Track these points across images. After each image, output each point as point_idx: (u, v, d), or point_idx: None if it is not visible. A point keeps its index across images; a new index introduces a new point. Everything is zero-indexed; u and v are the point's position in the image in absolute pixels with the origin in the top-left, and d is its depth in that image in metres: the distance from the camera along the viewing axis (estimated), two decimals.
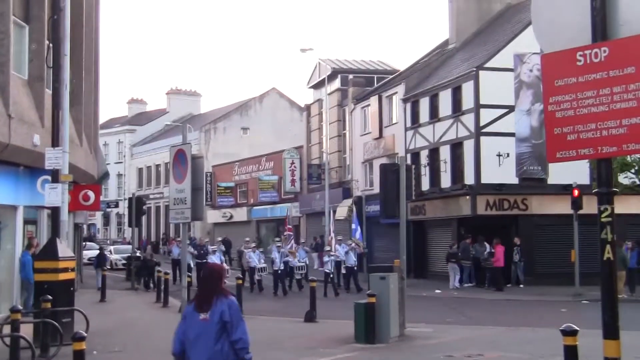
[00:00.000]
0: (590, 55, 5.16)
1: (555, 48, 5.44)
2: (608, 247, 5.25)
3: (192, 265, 32.19)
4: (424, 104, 38.51)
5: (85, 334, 9.66)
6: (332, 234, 31.65)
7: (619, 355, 5.21)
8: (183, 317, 7.01)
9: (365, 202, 39.70)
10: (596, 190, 5.30)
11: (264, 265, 32.33)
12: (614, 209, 5.24)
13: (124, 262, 41.88)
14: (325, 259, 29.94)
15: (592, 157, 5.27)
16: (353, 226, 30.63)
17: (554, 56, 5.43)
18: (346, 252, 30.69)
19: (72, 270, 16.05)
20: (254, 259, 32.00)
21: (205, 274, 7.24)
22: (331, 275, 30.01)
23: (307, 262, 33.87)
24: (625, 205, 27.12)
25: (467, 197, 33.86)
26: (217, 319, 6.69)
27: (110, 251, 47.85)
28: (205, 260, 31.45)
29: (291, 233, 37.47)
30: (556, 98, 5.30)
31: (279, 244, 34.11)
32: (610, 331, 5.22)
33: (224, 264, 31.52)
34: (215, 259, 30.72)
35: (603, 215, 5.23)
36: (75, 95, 21.21)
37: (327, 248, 31.00)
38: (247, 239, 39.47)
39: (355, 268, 31.16)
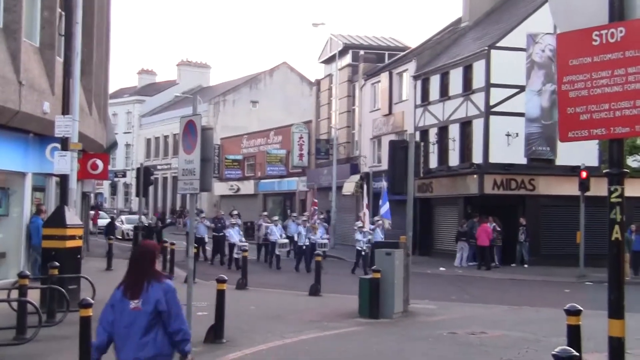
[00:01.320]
0: (607, 35, 5.14)
1: (572, 27, 5.42)
2: (617, 227, 5.26)
3: (206, 239, 32.23)
4: (435, 82, 38.38)
5: (93, 301, 9.74)
6: (366, 210, 30.14)
7: (624, 335, 5.24)
8: (110, 304, 6.07)
9: (373, 178, 39.71)
10: (606, 170, 5.30)
11: (286, 240, 31.63)
12: (624, 190, 5.23)
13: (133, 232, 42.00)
14: (358, 236, 28.47)
15: (604, 138, 5.27)
16: (380, 202, 29.75)
17: (569, 35, 5.41)
18: (373, 229, 29.07)
19: (80, 237, 16.15)
20: (276, 233, 31.18)
21: (136, 254, 6.26)
22: (363, 253, 28.25)
23: (329, 240, 33.03)
24: (632, 188, 26.83)
25: (475, 176, 33.83)
26: (151, 309, 5.88)
27: (121, 221, 47.59)
28: (222, 234, 31.12)
29: (316, 207, 36.35)
30: (570, 77, 5.29)
31: (295, 218, 34.07)
32: (616, 310, 5.25)
33: (242, 239, 30.44)
34: (234, 233, 30.11)
35: (613, 195, 5.24)
36: (86, 64, 21.19)
37: (360, 224, 29.29)
38: (265, 212, 39.44)
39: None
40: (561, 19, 5.64)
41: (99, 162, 23.84)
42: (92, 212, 42.63)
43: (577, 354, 6.75)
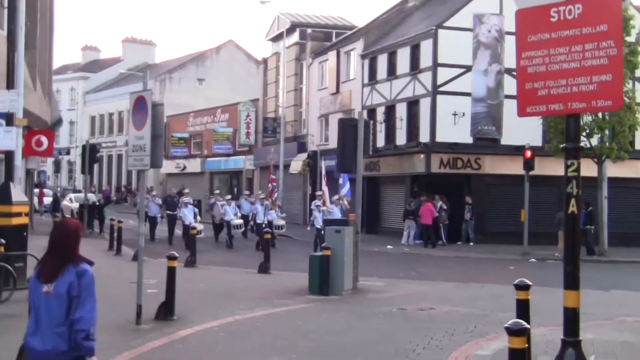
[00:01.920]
0: (565, 12, 5.23)
1: (530, 4, 5.49)
2: (573, 200, 5.37)
3: (159, 218, 31.64)
4: (382, 61, 38.50)
5: None
6: (325, 189, 29.79)
7: (578, 305, 5.36)
8: (30, 286, 5.54)
9: (320, 157, 39.74)
10: (563, 145, 5.40)
11: (241, 221, 31.13)
12: (580, 164, 5.34)
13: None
14: (317, 215, 28.19)
15: (561, 113, 5.36)
16: (341, 181, 29.58)
17: (528, 12, 5.49)
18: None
19: (26, 215, 15.87)
20: (229, 212, 30.55)
21: (57, 233, 5.53)
22: (322, 232, 27.37)
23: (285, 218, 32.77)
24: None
25: (422, 154, 34.10)
26: (64, 294, 5.27)
27: (70, 199, 46.09)
28: (175, 213, 30.57)
29: (275, 184, 35.43)
30: (529, 53, 5.38)
31: (247, 196, 33.80)
32: (571, 282, 5.36)
33: (198, 218, 30.21)
34: (188, 212, 29.54)
35: (570, 169, 5.34)
36: (30, 38, 20.68)
37: (318, 203, 28.99)
38: (217, 191, 39.20)
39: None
40: None
41: (44, 139, 23.37)
42: (36, 190, 41.82)
43: (528, 326, 6.90)
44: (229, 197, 33.79)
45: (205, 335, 11.57)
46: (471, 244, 32.54)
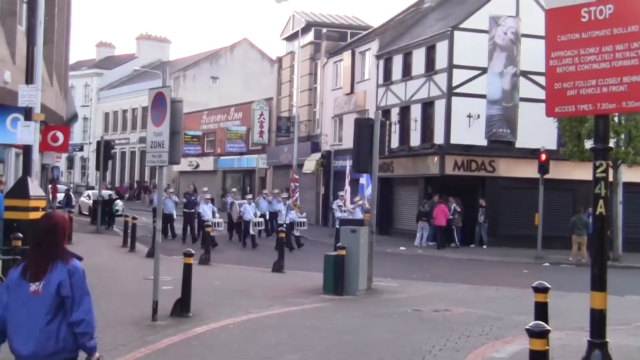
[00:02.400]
0: (595, 12, 5.20)
1: (560, 4, 5.45)
2: (601, 202, 5.35)
3: (174, 215, 31.02)
4: (397, 62, 38.45)
5: None
6: (348, 189, 29.34)
7: (605, 307, 5.33)
8: (5, 284, 5.21)
9: (334, 157, 39.72)
10: (592, 146, 5.37)
11: (261, 219, 30.21)
12: (609, 165, 5.31)
13: (117, 209, 39.20)
14: (339, 214, 27.38)
15: (591, 113, 5.34)
16: (363, 181, 29.18)
17: (558, 12, 5.45)
18: (353, 209, 28.09)
19: (43, 209, 15.88)
20: (249, 212, 29.56)
21: (42, 227, 5.27)
22: None
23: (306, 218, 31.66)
24: (590, 172, 27.15)
25: (436, 156, 34.04)
26: (53, 293, 4.99)
27: (88, 196, 44.74)
28: (193, 211, 30.06)
29: (297, 184, 34.55)
30: (558, 53, 5.35)
31: (266, 195, 33.25)
32: (598, 283, 5.34)
33: (216, 215, 29.65)
34: (207, 209, 28.90)
35: (598, 170, 5.32)
36: (47, 33, 20.74)
37: (340, 203, 28.30)
38: (234, 189, 38.84)
39: None
40: None
41: (60, 135, 23.46)
42: (49, 186, 41.97)
43: (549, 328, 6.88)
44: (250, 196, 32.97)
45: (221, 332, 11.58)
46: (484, 246, 32.45)
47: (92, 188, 53.87)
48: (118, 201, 42.81)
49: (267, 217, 31.88)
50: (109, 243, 27.55)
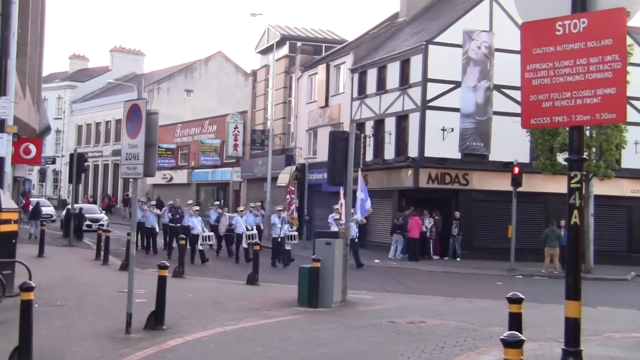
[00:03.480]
0: (570, 26, 5.28)
1: (534, 17, 5.54)
2: (576, 212, 5.40)
3: (157, 229, 30.39)
4: (372, 75, 38.65)
5: (34, 285, 9.51)
6: (343, 201, 27.97)
7: (579, 316, 5.38)
8: None
9: (308, 170, 39.72)
10: (567, 157, 5.44)
11: (253, 232, 28.50)
12: (583, 176, 5.38)
13: (88, 223, 38.59)
14: (335, 228, 25.94)
15: (565, 125, 5.41)
16: (362, 195, 28.42)
17: (533, 25, 5.53)
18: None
19: (15, 222, 15.77)
20: (241, 224, 28.44)
21: None
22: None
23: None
24: (562, 185, 27.53)
25: (410, 169, 34.19)
26: None
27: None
28: (179, 225, 28.95)
29: (294, 196, 32.86)
30: (533, 66, 5.42)
31: (252, 209, 31.20)
32: (573, 292, 5.39)
33: (205, 229, 28.67)
34: (197, 222, 27.83)
35: (573, 181, 5.38)
36: (21, 45, 20.63)
37: (336, 216, 27.19)
38: (217, 202, 37.95)
39: (357, 240, 28.14)
40: (524, 8, 5.76)
41: (32, 147, 23.33)
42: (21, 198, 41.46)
43: (524, 338, 6.94)
44: (241, 208, 31.79)
45: (196, 345, 11.52)
46: (458, 259, 32.61)
47: (94, 202, 54.03)
48: (103, 215, 42.33)
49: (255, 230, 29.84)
50: (82, 256, 27.34)
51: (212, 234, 28.76)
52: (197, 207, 29.42)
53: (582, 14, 5.30)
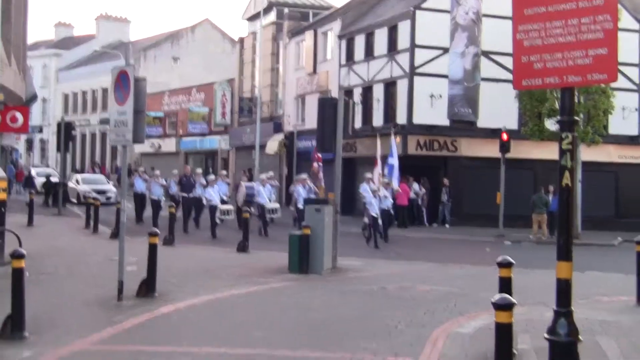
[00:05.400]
0: None
1: None
2: (567, 173, 5.41)
3: (162, 202, 27.86)
4: (360, 42, 38.44)
5: (24, 252, 9.51)
6: (380, 171, 26.73)
7: (571, 277, 5.42)
8: None
9: (297, 138, 39.71)
10: (559, 118, 5.44)
11: (277, 205, 27.03)
12: (575, 137, 5.39)
13: (94, 195, 33.25)
14: (373, 200, 24.24)
15: (557, 86, 5.41)
16: (392, 161, 27.27)
17: None
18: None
19: (4, 190, 15.70)
20: (264, 195, 26.54)
21: None
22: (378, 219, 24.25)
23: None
24: (550, 151, 27.74)
25: (398, 136, 34.17)
26: None
27: (77, 181, 40.47)
28: (191, 195, 27.02)
29: (321, 163, 30.82)
30: (525, 27, 5.40)
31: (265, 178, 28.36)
32: (564, 253, 5.42)
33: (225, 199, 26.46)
34: (214, 192, 25.71)
35: (564, 142, 5.39)
36: (5, 12, 20.42)
37: (375, 188, 25.14)
38: (224, 171, 35.15)
39: (392, 212, 26.30)
40: None
41: (19, 115, 23.03)
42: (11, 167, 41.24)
43: (515, 301, 7.00)
44: (264, 175, 28.52)
45: (188, 312, 11.56)
46: (447, 226, 32.74)
47: (82, 171, 53.63)
48: (111, 187, 40.11)
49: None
50: (71, 225, 27.30)
51: (231, 207, 26.36)
52: (212, 176, 27.69)
53: None
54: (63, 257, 17.68)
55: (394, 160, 27.43)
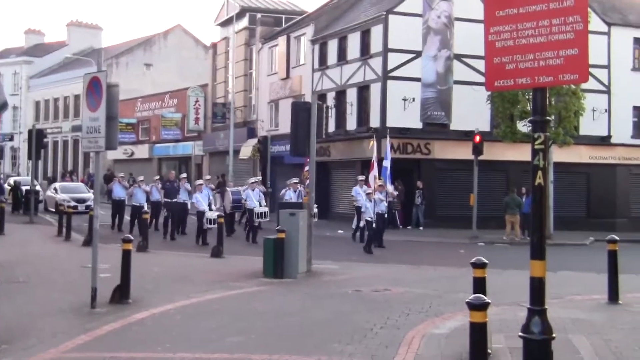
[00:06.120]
0: None
1: None
2: (539, 173, 5.46)
3: (146, 206, 27.24)
4: (332, 46, 38.55)
5: None
6: (375, 173, 26.42)
7: (544, 275, 5.46)
8: None
9: (271, 142, 39.60)
10: (531, 118, 5.49)
11: (266, 209, 26.38)
12: (547, 137, 5.43)
13: (73, 204, 33.10)
14: (368, 204, 24.12)
15: (529, 87, 5.45)
16: (386, 164, 26.76)
17: None
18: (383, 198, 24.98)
19: None
20: (252, 199, 25.98)
21: None
22: (373, 224, 24.06)
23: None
24: (522, 153, 28.10)
25: (372, 140, 34.23)
26: None
27: (55, 189, 39.12)
28: (175, 200, 26.44)
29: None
30: (497, 28, 5.44)
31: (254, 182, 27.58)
32: (538, 252, 5.46)
33: (212, 206, 26.05)
34: (202, 198, 25.18)
35: (537, 142, 5.43)
36: None
37: (369, 191, 24.85)
38: (208, 177, 34.11)
39: (386, 216, 25.81)
40: None
41: None
42: None
43: (489, 301, 7.04)
44: (253, 180, 27.96)
45: (162, 317, 11.49)
46: (421, 228, 32.87)
47: (55, 179, 53.27)
48: (91, 195, 36.87)
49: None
50: (43, 233, 27.05)
51: (216, 215, 24.37)
52: (200, 181, 27.13)
53: None
54: (35, 265, 17.52)
55: (388, 163, 27.48)
